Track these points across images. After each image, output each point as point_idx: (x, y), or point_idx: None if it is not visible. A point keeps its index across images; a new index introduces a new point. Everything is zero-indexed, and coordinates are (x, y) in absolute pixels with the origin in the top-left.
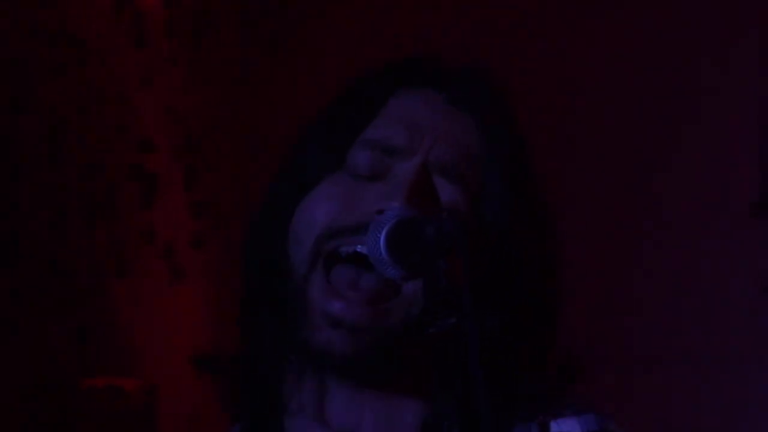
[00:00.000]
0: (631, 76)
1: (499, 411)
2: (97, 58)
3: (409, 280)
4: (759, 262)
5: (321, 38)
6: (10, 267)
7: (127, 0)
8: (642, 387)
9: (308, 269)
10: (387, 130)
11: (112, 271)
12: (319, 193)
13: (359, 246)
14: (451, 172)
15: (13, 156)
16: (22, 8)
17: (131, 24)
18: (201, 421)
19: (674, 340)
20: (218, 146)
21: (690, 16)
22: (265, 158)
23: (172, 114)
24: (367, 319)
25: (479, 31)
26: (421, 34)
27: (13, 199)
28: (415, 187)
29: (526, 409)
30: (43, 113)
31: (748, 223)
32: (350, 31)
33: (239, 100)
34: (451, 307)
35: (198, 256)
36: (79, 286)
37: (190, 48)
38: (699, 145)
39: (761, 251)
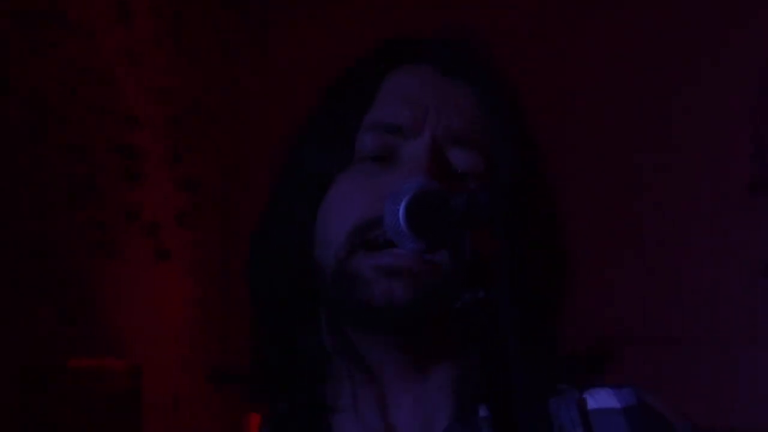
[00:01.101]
0: (625, 62)
1: (532, 387)
2: (82, 35)
3: (429, 253)
4: (753, 245)
5: (305, 16)
6: None
7: None
8: (635, 368)
9: (346, 255)
10: (389, 110)
11: (97, 250)
12: (339, 190)
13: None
14: (463, 138)
15: None
16: None
17: (116, 2)
18: (186, 400)
19: (668, 322)
20: (203, 123)
21: (683, 3)
22: (250, 134)
23: (157, 91)
24: (419, 264)
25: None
26: (408, 16)
27: None
28: (433, 164)
29: (557, 384)
30: (28, 91)
31: (742, 206)
32: (337, 9)
33: (224, 77)
34: (479, 280)
35: (183, 233)
36: (64, 266)
37: (175, 25)
38: (692, 127)
39: (755, 234)
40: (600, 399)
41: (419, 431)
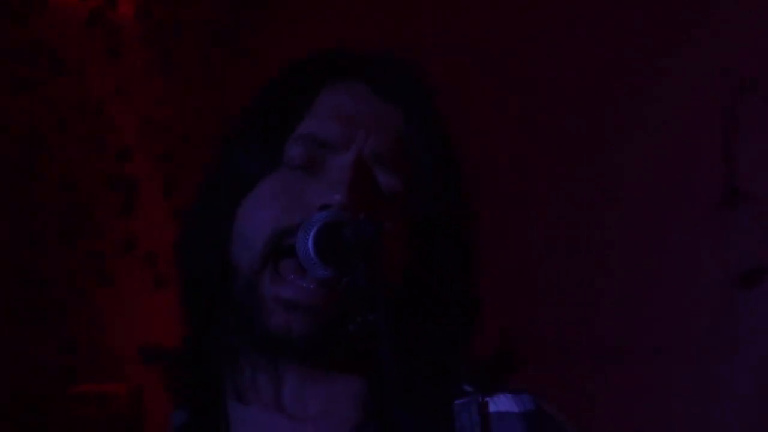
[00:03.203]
0: (594, 69)
1: (429, 392)
2: (73, 70)
3: (337, 280)
4: (726, 256)
5: (294, 45)
6: None
7: (100, 13)
8: (609, 379)
9: (260, 267)
10: (320, 124)
11: (95, 280)
12: (262, 193)
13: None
14: (387, 160)
15: None
16: None
17: (106, 36)
18: None
19: (641, 333)
20: (196, 153)
21: (651, 10)
22: None
23: (150, 123)
24: (321, 300)
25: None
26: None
27: None
28: (356, 180)
29: (462, 391)
30: (21, 128)
31: (715, 216)
32: (326, 37)
33: (215, 106)
34: (370, 305)
35: None
36: (62, 296)
37: (165, 58)
38: (663, 139)
39: (728, 246)
40: (500, 403)
41: (328, 421)
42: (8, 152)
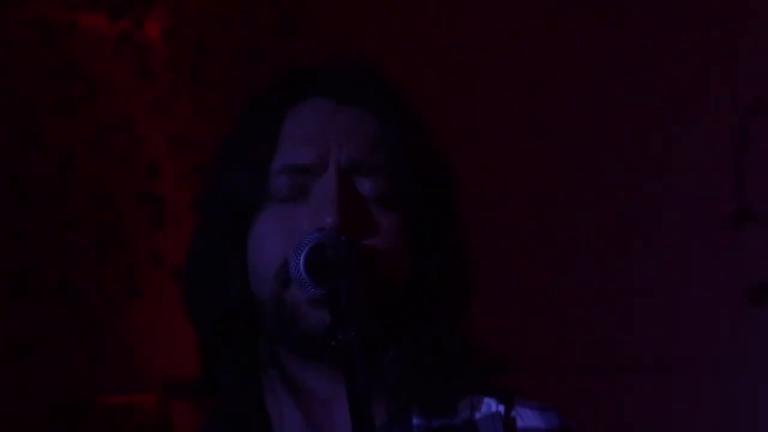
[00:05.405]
0: (605, 89)
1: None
2: (103, 92)
3: (328, 298)
4: (737, 274)
5: (320, 62)
6: (25, 295)
7: (129, 36)
8: (621, 395)
9: (279, 291)
10: (293, 152)
11: (125, 294)
12: (260, 233)
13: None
14: (365, 167)
15: (23, 189)
16: (31, 49)
17: (134, 58)
18: None
19: (653, 350)
20: None
21: (663, 31)
22: None
23: (179, 141)
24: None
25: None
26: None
27: (25, 232)
28: (342, 197)
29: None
30: (53, 147)
31: (726, 235)
32: (349, 47)
33: None
34: (347, 325)
35: None
36: (93, 310)
37: (192, 77)
38: (674, 158)
39: (740, 262)
40: (527, 418)
41: None
42: (44, 170)
